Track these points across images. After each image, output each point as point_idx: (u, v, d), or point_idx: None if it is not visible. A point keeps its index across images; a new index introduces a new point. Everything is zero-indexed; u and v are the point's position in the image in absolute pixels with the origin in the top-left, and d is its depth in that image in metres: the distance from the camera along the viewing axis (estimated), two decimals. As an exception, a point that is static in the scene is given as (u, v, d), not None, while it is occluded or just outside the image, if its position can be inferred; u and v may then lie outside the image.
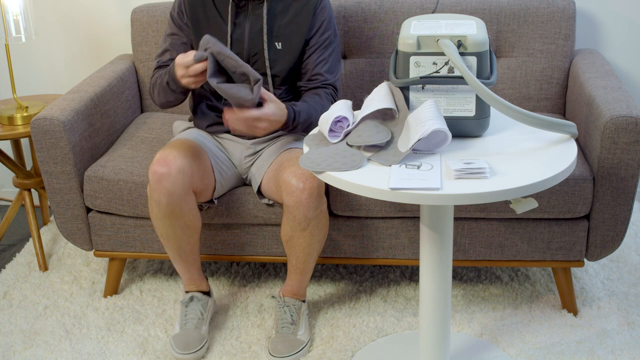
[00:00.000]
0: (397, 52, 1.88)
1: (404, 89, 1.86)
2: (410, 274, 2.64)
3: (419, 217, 2.31)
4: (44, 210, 3.11)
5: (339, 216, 2.38)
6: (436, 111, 1.75)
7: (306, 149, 1.85)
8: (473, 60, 1.80)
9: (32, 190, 3.10)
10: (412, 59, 1.82)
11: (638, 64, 2.93)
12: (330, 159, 1.75)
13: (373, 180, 1.66)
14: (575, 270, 2.60)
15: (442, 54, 1.80)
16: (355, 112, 1.97)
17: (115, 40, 3.06)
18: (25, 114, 2.74)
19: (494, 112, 2.01)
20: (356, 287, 2.58)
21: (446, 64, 1.80)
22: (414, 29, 1.86)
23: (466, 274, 2.63)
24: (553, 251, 2.34)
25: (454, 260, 2.39)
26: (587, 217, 2.30)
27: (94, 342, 2.34)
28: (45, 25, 3.07)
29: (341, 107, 1.89)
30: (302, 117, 2.17)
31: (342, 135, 1.85)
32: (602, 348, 2.22)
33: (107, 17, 3.03)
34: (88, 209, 2.46)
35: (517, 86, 2.69)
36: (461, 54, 1.79)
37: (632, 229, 2.87)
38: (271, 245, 2.43)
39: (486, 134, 1.90)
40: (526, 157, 1.75)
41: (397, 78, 1.86)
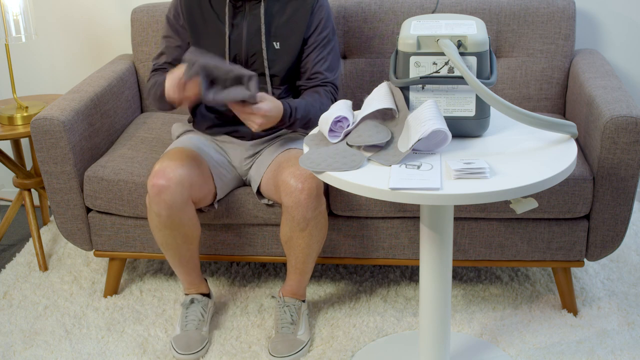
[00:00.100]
0: (397, 52, 1.87)
1: (404, 89, 1.86)
2: (410, 274, 2.64)
3: (419, 217, 2.31)
4: (44, 210, 3.10)
5: (339, 216, 2.38)
6: (436, 111, 1.75)
7: (306, 149, 1.85)
8: (473, 60, 1.80)
9: (32, 190, 3.10)
10: (412, 59, 1.81)
11: (638, 64, 2.93)
12: (330, 159, 1.75)
13: (373, 180, 1.66)
14: (575, 270, 2.60)
15: (442, 54, 1.80)
16: (355, 112, 1.97)
17: (115, 40, 3.06)
18: (25, 114, 2.74)
19: (494, 112, 2.01)
20: (356, 287, 2.58)
21: (446, 64, 1.80)
22: (414, 29, 1.86)
23: (466, 274, 2.63)
24: (553, 251, 2.34)
25: (454, 260, 2.39)
26: (587, 217, 2.30)
27: (94, 342, 2.34)
28: (45, 25, 3.07)
29: (341, 107, 1.88)
30: (300, 113, 2.17)
31: (342, 135, 1.85)
32: (602, 348, 2.22)
33: (107, 17, 3.03)
34: (88, 209, 2.46)
35: (517, 86, 2.69)
36: (461, 54, 1.79)
37: (632, 229, 2.87)
38: (271, 245, 2.43)
39: (486, 134, 1.90)
40: (526, 157, 1.75)
41: (397, 78, 1.86)
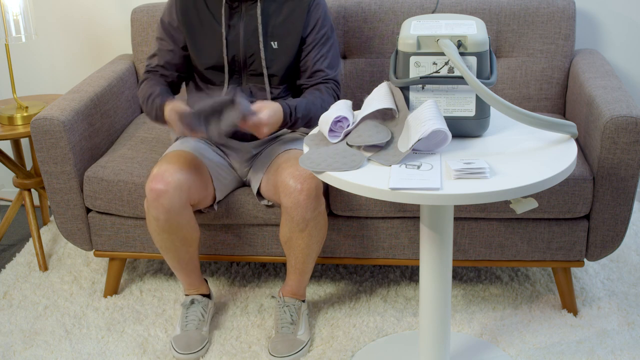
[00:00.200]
0: (397, 52, 1.87)
1: (404, 89, 1.85)
2: (410, 274, 2.63)
3: (419, 217, 2.31)
4: (44, 210, 3.10)
5: (339, 216, 2.38)
6: (436, 111, 1.75)
7: (306, 149, 1.85)
8: (473, 60, 1.80)
9: (32, 190, 3.10)
10: (412, 59, 1.81)
11: (638, 64, 2.93)
12: (330, 159, 1.75)
13: (373, 180, 1.66)
14: (575, 270, 2.60)
15: (442, 54, 1.80)
16: (355, 112, 1.97)
17: (115, 40, 3.06)
18: (25, 114, 2.74)
19: (494, 112, 2.01)
20: (356, 287, 2.58)
21: (446, 64, 1.80)
22: (414, 29, 1.86)
23: (466, 274, 2.63)
24: (553, 251, 2.34)
25: (454, 260, 2.39)
26: (587, 217, 2.30)
27: (94, 342, 2.34)
28: (45, 25, 3.07)
29: (341, 107, 1.88)
30: (300, 112, 2.17)
31: (342, 135, 1.85)
32: (602, 348, 2.22)
33: (107, 17, 3.03)
34: (88, 209, 2.46)
35: (517, 86, 2.69)
36: (461, 54, 1.79)
37: (632, 229, 2.87)
38: (271, 245, 2.43)
39: (486, 134, 1.90)
40: (526, 157, 1.75)
41: (397, 78, 1.86)
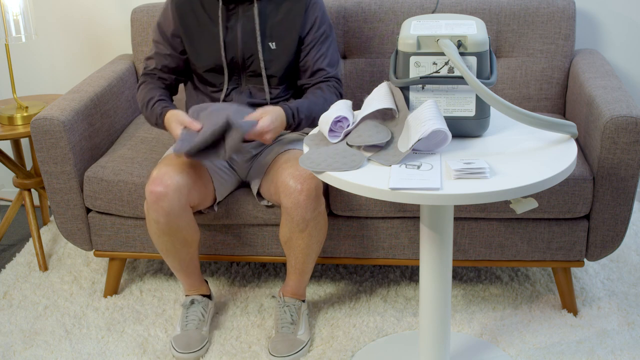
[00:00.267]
0: (397, 52, 1.87)
1: (404, 89, 1.85)
2: (410, 274, 2.63)
3: (419, 217, 2.31)
4: (44, 210, 3.10)
5: (339, 216, 2.38)
6: (436, 111, 1.75)
7: (306, 149, 1.85)
8: (473, 60, 1.80)
9: (32, 190, 3.10)
10: (412, 59, 1.81)
11: (638, 64, 2.93)
12: (330, 159, 1.75)
13: (373, 180, 1.66)
14: (575, 270, 2.60)
15: (442, 54, 1.79)
16: (355, 112, 1.97)
17: (115, 40, 3.06)
18: (25, 114, 2.74)
19: (494, 112, 2.01)
20: (356, 287, 2.58)
21: (446, 64, 1.80)
22: (414, 29, 1.86)
23: (466, 274, 2.63)
24: (553, 251, 2.34)
25: (454, 260, 2.39)
26: (587, 217, 2.30)
27: (94, 342, 2.34)
28: (45, 25, 3.07)
29: (341, 107, 1.88)
30: (303, 113, 2.17)
31: (342, 135, 1.85)
32: (602, 348, 2.22)
33: (107, 17, 3.03)
34: (88, 209, 2.46)
35: (517, 86, 2.69)
36: (461, 54, 1.79)
37: (632, 229, 2.87)
38: (271, 245, 2.43)
39: (486, 134, 1.90)
40: (526, 157, 1.75)
41: (397, 78, 1.86)
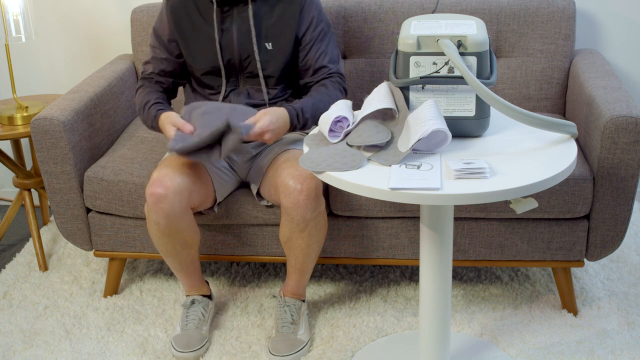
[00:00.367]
0: (397, 52, 1.87)
1: (404, 89, 1.85)
2: (410, 274, 2.63)
3: (419, 217, 2.31)
4: (44, 210, 3.10)
5: (339, 216, 2.38)
6: (436, 111, 1.75)
7: (306, 149, 1.85)
8: (473, 60, 1.80)
9: (32, 190, 3.10)
10: (412, 59, 1.81)
11: (638, 64, 2.93)
12: (330, 159, 1.75)
13: (373, 180, 1.66)
14: (575, 270, 2.60)
15: (442, 54, 1.80)
16: (355, 112, 1.97)
17: (115, 40, 3.06)
18: (25, 114, 2.74)
19: (494, 112, 2.01)
20: (356, 287, 2.58)
21: (446, 64, 1.80)
22: (414, 29, 1.86)
23: (466, 274, 2.63)
24: (553, 251, 2.34)
25: (454, 260, 2.39)
26: (587, 217, 2.30)
27: (94, 342, 2.34)
28: (45, 25, 3.07)
29: (341, 107, 1.88)
30: (308, 113, 2.17)
31: (342, 135, 1.85)
32: (602, 348, 2.22)
33: (107, 17, 3.03)
34: (88, 209, 2.46)
35: (517, 86, 2.69)
36: (461, 54, 1.79)
37: (632, 229, 2.87)
38: (271, 245, 2.43)
39: (486, 134, 1.90)
40: (526, 157, 1.75)
41: (397, 78, 1.86)
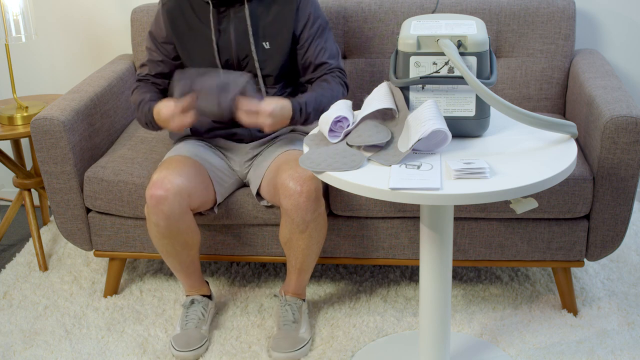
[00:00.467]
0: (397, 52, 1.87)
1: (404, 89, 1.85)
2: (410, 274, 2.64)
3: (419, 217, 2.31)
4: (44, 210, 3.10)
5: (339, 216, 2.38)
6: (436, 111, 1.75)
7: (306, 149, 1.85)
8: (473, 60, 1.80)
9: (32, 190, 3.10)
10: (412, 59, 1.81)
11: (638, 64, 2.93)
12: (330, 159, 1.75)
13: (373, 180, 1.66)
14: (575, 270, 2.60)
15: (442, 54, 1.80)
16: (355, 112, 1.97)
17: (115, 40, 3.06)
18: (25, 114, 2.74)
19: (494, 112, 2.01)
20: (356, 287, 2.58)
21: (446, 64, 1.80)
22: (414, 29, 1.86)
23: (466, 274, 2.63)
24: (553, 251, 2.34)
25: (454, 260, 2.39)
26: (587, 217, 2.30)
27: (94, 342, 2.34)
28: (45, 25, 3.07)
29: (341, 107, 1.88)
30: (311, 106, 2.16)
31: (342, 135, 1.85)
32: (602, 348, 2.22)
33: (107, 17, 3.03)
34: (88, 209, 2.46)
35: (517, 86, 2.69)
36: (461, 54, 1.79)
37: (632, 229, 2.87)
38: (271, 245, 2.43)
39: (486, 134, 1.90)
40: (526, 157, 1.75)
41: (397, 78, 1.86)
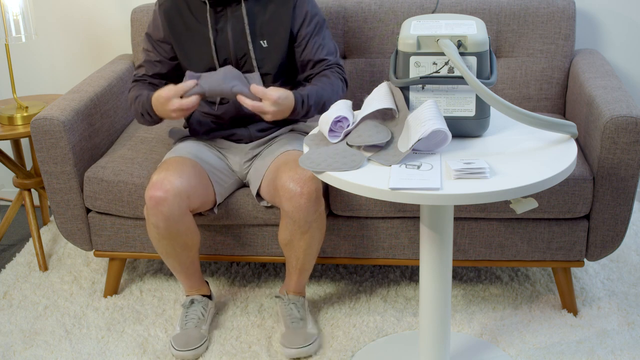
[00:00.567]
0: (397, 52, 1.87)
1: (404, 89, 1.85)
2: (410, 274, 2.63)
3: (419, 217, 2.31)
4: (44, 210, 3.10)
5: (339, 216, 2.38)
6: (436, 111, 1.75)
7: (306, 149, 1.85)
8: (473, 60, 1.80)
9: (32, 190, 3.10)
10: (412, 59, 1.81)
11: (638, 64, 2.93)
12: (330, 159, 1.75)
13: (373, 180, 1.66)
14: (575, 270, 2.60)
15: (442, 54, 1.80)
16: (355, 112, 1.97)
17: (115, 40, 3.06)
18: (25, 114, 2.74)
19: (494, 112, 2.01)
20: (356, 287, 2.58)
21: (446, 64, 1.80)
22: (414, 29, 1.86)
23: (466, 274, 2.63)
24: (553, 251, 2.34)
25: (454, 260, 2.39)
26: (587, 217, 2.30)
27: (94, 342, 2.34)
28: (45, 25, 3.07)
29: (341, 107, 1.88)
30: (312, 99, 2.16)
31: (342, 135, 1.85)
32: (602, 348, 2.22)
33: (107, 17, 3.03)
34: (88, 209, 2.46)
35: (517, 86, 2.69)
36: (461, 54, 1.79)
37: (632, 229, 2.87)
38: (271, 245, 2.43)
39: (486, 134, 1.90)
40: (526, 157, 1.75)
41: (397, 78, 1.86)
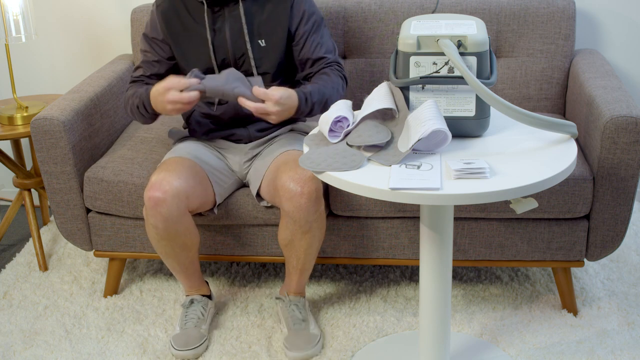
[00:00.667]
0: (397, 52, 1.87)
1: (404, 89, 1.85)
2: (410, 274, 2.64)
3: (419, 217, 2.31)
4: (44, 210, 3.10)
5: (339, 216, 2.38)
6: (436, 111, 1.75)
7: (306, 149, 1.85)
8: (473, 60, 1.80)
9: (32, 190, 3.10)
10: (412, 59, 1.81)
11: (638, 64, 2.93)
12: (330, 159, 1.75)
13: (373, 180, 1.66)
14: (575, 270, 2.60)
15: (442, 54, 1.80)
16: (355, 112, 1.97)
17: (115, 40, 3.06)
18: (25, 114, 2.74)
19: (494, 112, 2.01)
20: (356, 287, 2.58)
21: (446, 64, 1.80)
22: (414, 29, 1.86)
23: (466, 274, 2.63)
24: (553, 251, 2.34)
25: (454, 260, 2.39)
26: (587, 217, 2.30)
27: (94, 342, 2.34)
28: (45, 25, 3.07)
29: (341, 107, 1.88)
30: (315, 97, 2.16)
31: (342, 135, 1.85)
32: (602, 348, 2.22)
33: (107, 17, 3.03)
34: (88, 209, 2.46)
35: (517, 86, 2.69)
36: (461, 54, 1.79)
37: (632, 229, 2.87)
38: (271, 245, 2.43)
39: (486, 134, 1.90)
40: (526, 157, 1.75)
41: (397, 78, 1.86)
